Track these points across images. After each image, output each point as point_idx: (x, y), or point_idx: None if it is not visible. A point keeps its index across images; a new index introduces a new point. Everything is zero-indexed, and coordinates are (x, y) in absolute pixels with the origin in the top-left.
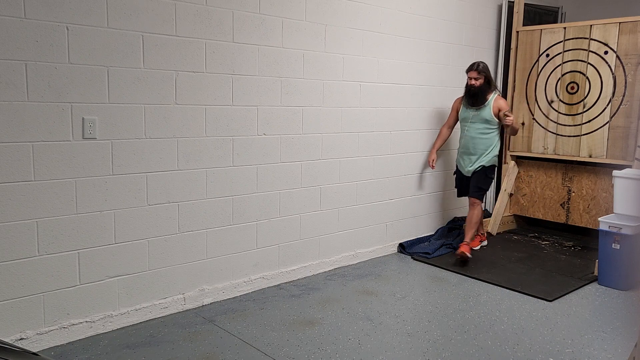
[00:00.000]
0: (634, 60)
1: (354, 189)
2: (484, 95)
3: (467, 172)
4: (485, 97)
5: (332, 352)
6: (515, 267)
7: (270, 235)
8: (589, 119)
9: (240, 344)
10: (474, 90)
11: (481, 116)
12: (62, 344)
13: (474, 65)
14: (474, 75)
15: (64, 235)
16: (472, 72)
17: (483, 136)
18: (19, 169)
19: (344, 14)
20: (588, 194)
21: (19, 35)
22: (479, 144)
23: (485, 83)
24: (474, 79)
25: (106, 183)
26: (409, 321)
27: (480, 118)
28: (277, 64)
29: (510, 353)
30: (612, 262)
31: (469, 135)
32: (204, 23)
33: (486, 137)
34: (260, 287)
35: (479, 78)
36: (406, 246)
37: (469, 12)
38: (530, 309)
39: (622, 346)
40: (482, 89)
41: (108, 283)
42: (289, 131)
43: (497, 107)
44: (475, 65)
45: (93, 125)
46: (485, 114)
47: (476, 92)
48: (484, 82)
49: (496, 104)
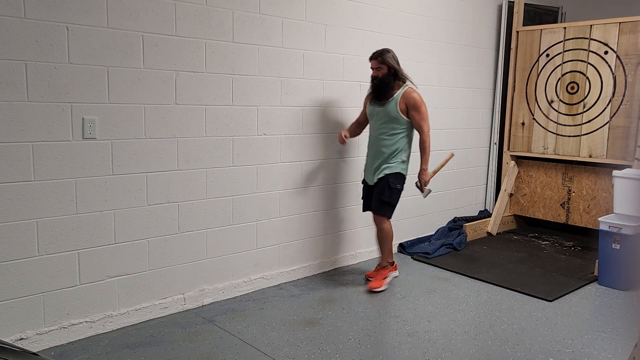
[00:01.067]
0: (634, 60)
1: (354, 189)
2: (389, 88)
3: (372, 181)
4: (391, 90)
5: (332, 352)
6: (516, 267)
7: (270, 235)
8: (589, 119)
9: (240, 344)
10: (376, 83)
11: (386, 113)
12: (62, 344)
13: (375, 53)
14: (374, 64)
15: (63, 235)
16: (373, 62)
17: (387, 137)
18: (19, 169)
19: (344, 14)
20: (588, 194)
21: (19, 35)
22: (382, 146)
23: (390, 74)
24: (375, 69)
25: (106, 183)
26: (409, 321)
27: (385, 115)
28: (277, 64)
29: (511, 353)
30: (612, 262)
31: (373, 135)
32: (204, 23)
33: (391, 138)
34: (260, 287)
35: (381, 68)
36: (406, 246)
37: (469, 12)
38: (530, 309)
39: (622, 346)
40: (386, 81)
41: (108, 283)
42: (289, 131)
43: (404, 103)
44: (377, 54)
45: (93, 125)
46: (390, 110)
47: (378, 84)
48: (387, 73)
49: (403, 99)
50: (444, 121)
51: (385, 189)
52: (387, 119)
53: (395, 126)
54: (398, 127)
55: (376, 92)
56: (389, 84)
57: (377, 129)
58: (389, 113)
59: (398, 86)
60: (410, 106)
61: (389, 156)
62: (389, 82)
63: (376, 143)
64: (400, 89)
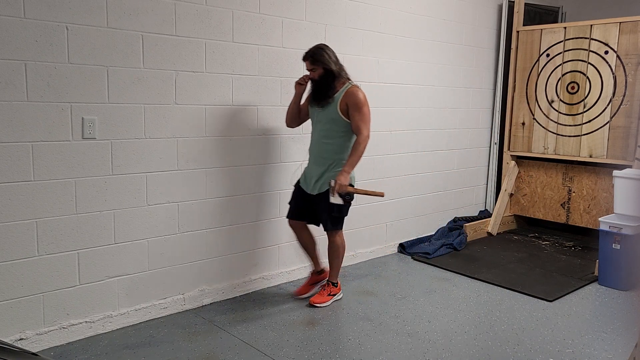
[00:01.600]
0: (635, 60)
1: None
2: (328, 89)
3: (313, 190)
4: (331, 91)
5: (332, 352)
6: (516, 267)
7: (270, 235)
8: (590, 119)
9: (240, 344)
10: (313, 84)
11: (326, 115)
12: (62, 344)
13: (307, 53)
14: (307, 65)
15: (63, 235)
16: (306, 62)
17: (329, 142)
18: (18, 169)
19: (344, 14)
20: (588, 194)
21: (18, 35)
22: (325, 152)
23: (328, 75)
24: (310, 71)
25: (106, 183)
26: (409, 321)
27: (325, 118)
28: (277, 64)
29: (511, 353)
30: (613, 262)
31: (314, 139)
32: (204, 23)
33: (333, 143)
34: (260, 287)
35: (315, 69)
36: (406, 246)
37: (469, 12)
38: (530, 309)
39: (622, 346)
40: (324, 83)
41: (108, 283)
42: (288, 131)
43: (345, 102)
44: (308, 54)
45: (93, 125)
46: (330, 112)
47: (316, 86)
48: (324, 74)
49: (345, 98)
50: (444, 121)
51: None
52: (328, 122)
53: (337, 129)
54: (340, 130)
55: (314, 93)
56: (328, 85)
57: (318, 132)
58: (329, 115)
59: (341, 84)
60: (350, 105)
61: (333, 164)
62: (327, 83)
63: (318, 148)
64: (343, 88)
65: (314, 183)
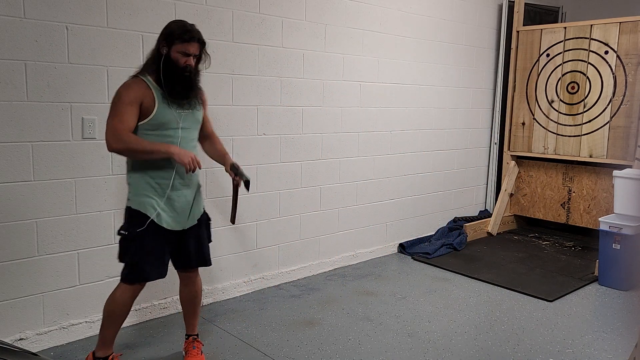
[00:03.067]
0: (635, 60)
1: (353, 189)
2: (198, 84)
3: (189, 222)
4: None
5: (332, 352)
6: (516, 268)
7: (270, 235)
8: (590, 119)
9: (240, 344)
10: (187, 75)
11: (195, 117)
12: (62, 344)
13: (198, 33)
14: (194, 49)
15: (63, 235)
16: (193, 44)
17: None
18: (18, 169)
19: (344, 13)
20: (588, 194)
21: (18, 35)
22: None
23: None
24: (192, 56)
25: (106, 183)
26: (409, 321)
27: (193, 120)
28: (277, 64)
29: (511, 353)
30: (613, 263)
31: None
32: (204, 23)
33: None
34: (260, 287)
35: (197, 56)
36: (406, 246)
37: (469, 11)
38: (530, 309)
39: (622, 346)
40: (196, 74)
41: (108, 283)
42: (289, 131)
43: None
44: (200, 34)
45: (92, 125)
46: (198, 114)
47: (190, 78)
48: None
49: (201, 94)
50: (444, 121)
51: (207, 230)
52: (195, 127)
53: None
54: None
55: (187, 88)
56: (198, 78)
57: (185, 141)
58: (196, 117)
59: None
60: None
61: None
62: (198, 75)
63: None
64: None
65: (188, 213)
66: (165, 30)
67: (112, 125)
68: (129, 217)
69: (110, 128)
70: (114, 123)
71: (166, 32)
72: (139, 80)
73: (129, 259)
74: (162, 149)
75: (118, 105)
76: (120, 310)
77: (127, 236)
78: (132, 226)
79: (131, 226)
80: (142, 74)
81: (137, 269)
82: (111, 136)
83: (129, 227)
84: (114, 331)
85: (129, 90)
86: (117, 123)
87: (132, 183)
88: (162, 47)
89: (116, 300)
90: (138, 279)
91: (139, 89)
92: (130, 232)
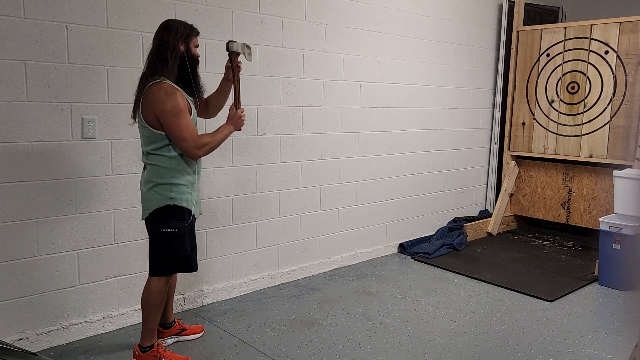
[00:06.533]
0: (635, 60)
1: (354, 189)
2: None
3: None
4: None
5: (332, 352)
6: (516, 268)
7: (270, 235)
8: (590, 119)
9: (240, 344)
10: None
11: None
12: (62, 344)
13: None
14: (197, 41)
15: (63, 235)
16: (196, 38)
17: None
18: (18, 169)
19: (344, 14)
20: (588, 194)
21: (18, 35)
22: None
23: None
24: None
25: (106, 183)
26: (409, 321)
27: (194, 116)
28: (277, 64)
29: (511, 353)
30: (613, 263)
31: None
32: (204, 23)
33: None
34: (260, 287)
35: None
36: (406, 246)
37: (469, 11)
38: (530, 309)
39: (622, 346)
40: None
41: (108, 283)
42: (289, 131)
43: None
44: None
45: (92, 125)
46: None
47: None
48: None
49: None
50: (444, 121)
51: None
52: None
53: None
54: None
55: (198, 82)
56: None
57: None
58: (194, 114)
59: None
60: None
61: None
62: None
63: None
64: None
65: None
66: (174, 30)
67: (186, 137)
68: (171, 214)
69: (187, 140)
70: (187, 135)
71: (180, 31)
72: (172, 86)
73: (179, 254)
74: (226, 131)
75: (179, 115)
76: (160, 300)
77: (177, 233)
78: (179, 222)
79: (178, 222)
80: (165, 79)
81: (187, 263)
82: (193, 148)
83: (176, 224)
84: (157, 320)
85: (176, 98)
86: (190, 134)
87: (174, 182)
88: (180, 45)
89: (153, 292)
90: (189, 270)
91: (180, 93)
92: (180, 229)
